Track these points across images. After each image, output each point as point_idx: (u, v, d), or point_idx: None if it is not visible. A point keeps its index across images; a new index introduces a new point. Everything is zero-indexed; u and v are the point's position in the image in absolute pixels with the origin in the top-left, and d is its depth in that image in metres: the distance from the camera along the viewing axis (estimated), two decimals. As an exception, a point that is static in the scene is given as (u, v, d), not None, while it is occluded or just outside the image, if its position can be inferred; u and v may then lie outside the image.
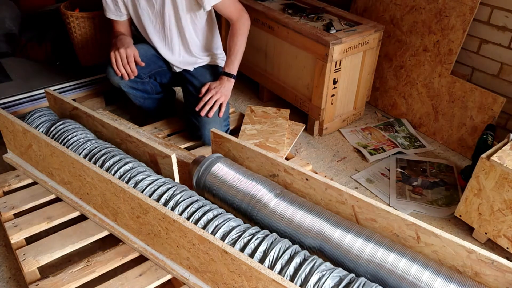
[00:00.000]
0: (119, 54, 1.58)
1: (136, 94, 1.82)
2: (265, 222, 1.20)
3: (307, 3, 2.24)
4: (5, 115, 1.46)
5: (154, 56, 1.83)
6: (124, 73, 1.63)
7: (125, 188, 1.15)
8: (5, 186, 1.49)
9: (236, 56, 1.73)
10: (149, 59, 1.80)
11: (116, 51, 1.59)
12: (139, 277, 1.19)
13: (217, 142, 1.48)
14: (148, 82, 1.84)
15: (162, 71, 1.89)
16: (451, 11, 1.90)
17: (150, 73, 1.83)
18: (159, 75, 1.89)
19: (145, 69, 1.79)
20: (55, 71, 2.23)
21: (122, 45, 1.60)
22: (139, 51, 1.72)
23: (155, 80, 1.89)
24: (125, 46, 1.59)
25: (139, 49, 1.75)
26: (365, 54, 1.99)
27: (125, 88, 1.76)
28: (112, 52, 1.59)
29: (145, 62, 1.77)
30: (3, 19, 2.34)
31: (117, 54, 1.59)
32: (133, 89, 1.79)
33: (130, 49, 1.60)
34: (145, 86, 1.83)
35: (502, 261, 0.99)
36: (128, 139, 1.44)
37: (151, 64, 1.82)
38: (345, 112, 2.14)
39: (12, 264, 1.38)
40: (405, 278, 1.00)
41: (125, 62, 1.58)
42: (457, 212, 1.57)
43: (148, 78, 1.83)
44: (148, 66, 1.80)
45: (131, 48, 1.61)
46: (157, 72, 1.87)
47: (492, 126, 1.73)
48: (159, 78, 1.90)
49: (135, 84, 1.78)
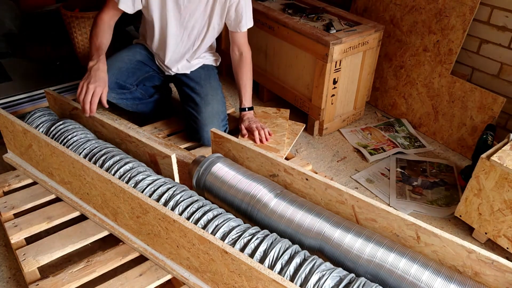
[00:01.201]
0: (87, 89, 1.42)
1: (127, 103, 1.80)
2: (265, 222, 1.20)
3: (307, 3, 2.24)
4: (5, 115, 1.46)
5: (139, 62, 1.80)
6: (84, 108, 1.44)
7: (125, 188, 1.15)
8: (5, 186, 1.49)
9: (251, 90, 1.82)
10: (134, 67, 1.78)
11: (86, 83, 1.43)
12: (139, 277, 1.19)
13: (217, 142, 1.48)
14: (136, 90, 1.81)
15: (150, 76, 1.86)
16: (451, 11, 1.90)
17: (137, 81, 1.80)
18: (147, 80, 1.87)
19: (131, 79, 1.77)
20: (55, 71, 2.23)
21: (95, 80, 1.44)
22: (122, 61, 1.72)
23: (144, 85, 1.87)
24: (97, 83, 1.43)
25: (123, 58, 1.74)
26: (365, 54, 1.99)
27: (113, 100, 1.72)
28: (82, 83, 1.43)
29: (131, 71, 1.75)
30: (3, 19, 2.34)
31: (84, 87, 1.43)
32: (122, 100, 1.77)
33: (100, 87, 1.44)
34: (134, 94, 1.81)
35: (502, 261, 0.99)
36: (128, 139, 1.44)
37: (137, 72, 1.79)
38: (345, 112, 2.14)
39: (12, 264, 1.38)
40: (405, 278, 1.00)
41: (88, 99, 1.42)
42: (457, 212, 1.57)
43: (135, 87, 1.81)
44: (134, 74, 1.78)
45: (101, 87, 1.44)
46: (145, 78, 1.84)
47: (492, 126, 1.73)
48: (148, 83, 1.88)
49: (122, 95, 1.76)
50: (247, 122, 1.77)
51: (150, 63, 1.84)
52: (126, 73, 1.75)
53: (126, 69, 1.74)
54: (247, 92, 1.80)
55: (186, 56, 1.80)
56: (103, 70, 1.48)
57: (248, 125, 1.76)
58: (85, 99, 1.41)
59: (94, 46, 1.55)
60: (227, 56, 2.36)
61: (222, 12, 1.67)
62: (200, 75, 1.81)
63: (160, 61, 1.84)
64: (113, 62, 1.70)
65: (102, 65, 1.48)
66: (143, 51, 1.84)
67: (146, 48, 1.85)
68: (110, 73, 1.61)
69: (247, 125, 1.76)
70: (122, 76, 1.73)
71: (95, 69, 1.46)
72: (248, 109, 1.81)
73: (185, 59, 1.81)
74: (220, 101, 1.76)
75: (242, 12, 1.66)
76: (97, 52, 1.53)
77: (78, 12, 2.12)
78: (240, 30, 1.71)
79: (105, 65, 1.50)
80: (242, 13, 1.66)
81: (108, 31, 1.61)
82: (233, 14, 1.67)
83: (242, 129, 1.77)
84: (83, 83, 1.43)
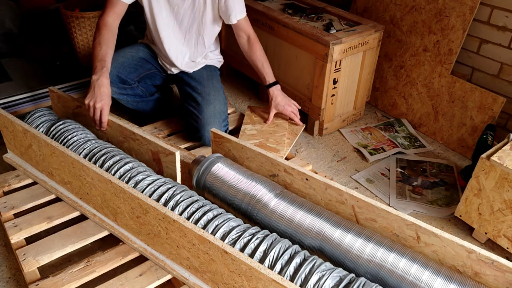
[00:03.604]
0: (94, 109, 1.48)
1: (127, 100, 1.80)
2: (265, 222, 1.20)
3: (307, 3, 2.24)
4: (5, 115, 1.46)
5: (142, 59, 1.81)
6: (98, 125, 1.52)
7: (125, 188, 1.15)
8: (5, 186, 1.49)
9: (270, 67, 1.86)
10: (136, 63, 1.78)
11: (93, 103, 1.47)
12: (139, 277, 1.19)
13: (217, 142, 1.48)
14: (137, 86, 1.82)
15: (151, 74, 1.87)
16: (451, 11, 1.90)
17: (138, 78, 1.81)
18: (149, 78, 1.87)
19: (133, 74, 1.77)
20: (55, 71, 2.23)
21: (101, 98, 1.47)
22: (125, 57, 1.73)
23: (146, 83, 1.87)
24: (102, 101, 1.47)
25: (126, 54, 1.75)
26: (365, 54, 1.99)
27: (114, 95, 1.71)
28: (87, 102, 1.47)
29: (133, 67, 1.76)
30: (3, 19, 2.34)
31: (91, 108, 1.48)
32: (123, 95, 1.77)
33: (106, 105, 1.49)
34: (135, 91, 1.81)
35: (502, 261, 0.99)
36: (131, 137, 1.44)
37: (139, 69, 1.80)
38: (345, 112, 2.14)
39: (12, 264, 1.38)
40: (405, 278, 1.00)
41: (98, 117, 1.48)
42: (457, 212, 1.57)
43: (137, 83, 1.81)
44: (136, 70, 1.78)
45: (107, 104, 1.49)
46: (146, 76, 1.85)
47: (492, 126, 1.73)
48: (149, 81, 1.88)
49: (123, 91, 1.76)
50: (282, 103, 1.86)
51: (152, 61, 1.86)
52: (128, 68, 1.76)
53: (128, 65, 1.75)
54: (266, 68, 1.84)
55: (188, 53, 1.80)
56: (106, 86, 1.49)
57: (280, 108, 1.86)
58: (96, 117, 1.48)
59: (97, 57, 1.53)
60: (227, 56, 2.36)
61: (213, 3, 1.68)
62: (203, 75, 1.82)
63: (163, 58, 1.84)
64: (116, 57, 1.71)
65: (105, 80, 1.49)
66: (146, 49, 1.86)
67: (149, 47, 1.86)
68: (112, 66, 1.61)
69: (278, 108, 1.87)
70: (124, 70, 1.74)
71: (98, 85, 1.47)
72: (273, 84, 1.85)
73: (188, 56, 1.81)
74: (221, 101, 1.77)
75: (231, 3, 1.68)
76: (100, 63, 1.51)
77: (78, 12, 2.12)
78: (232, 22, 1.73)
79: (108, 78, 1.51)
80: (231, 4, 1.68)
81: (112, 38, 1.59)
82: (223, 6, 1.69)
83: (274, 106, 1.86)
84: (90, 103, 1.47)
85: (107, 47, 1.55)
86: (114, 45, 1.60)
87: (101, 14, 1.60)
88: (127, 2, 1.60)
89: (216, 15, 1.73)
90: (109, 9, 1.60)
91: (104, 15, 1.59)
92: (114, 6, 1.59)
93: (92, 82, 1.49)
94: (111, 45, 1.58)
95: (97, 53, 1.54)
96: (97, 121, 1.49)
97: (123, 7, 1.61)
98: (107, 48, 1.55)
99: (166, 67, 1.86)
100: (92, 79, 1.49)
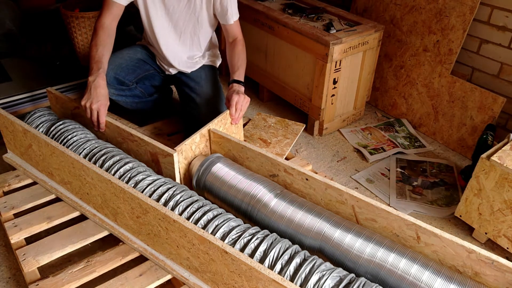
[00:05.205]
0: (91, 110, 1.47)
1: (126, 101, 1.80)
2: (265, 222, 1.20)
3: (307, 3, 2.24)
4: (5, 115, 1.46)
5: (139, 61, 1.81)
6: (96, 126, 1.51)
7: (125, 188, 1.15)
8: (5, 186, 1.49)
9: (244, 68, 1.72)
10: (134, 64, 1.78)
11: (89, 105, 1.46)
12: (139, 277, 1.19)
13: (217, 142, 1.48)
14: (135, 87, 1.81)
15: (150, 75, 1.86)
16: (451, 11, 1.90)
17: (136, 79, 1.80)
18: (147, 79, 1.86)
19: (130, 75, 1.76)
20: (55, 71, 2.23)
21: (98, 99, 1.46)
22: (122, 58, 1.72)
23: (144, 84, 1.86)
24: (99, 102, 1.46)
25: (123, 56, 1.74)
26: (365, 54, 1.99)
27: (112, 97, 1.71)
28: (84, 103, 1.46)
29: (131, 68, 1.75)
30: (3, 19, 2.34)
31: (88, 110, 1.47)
32: (121, 96, 1.76)
33: (103, 106, 1.47)
34: (133, 92, 1.81)
35: (502, 261, 0.99)
36: (130, 138, 1.44)
37: (137, 70, 1.79)
38: (345, 112, 2.14)
39: (12, 264, 1.38)
40: (405, 278, 1.00)
41: (95, 119, 1.48)
42: (457, 212, 1.57)
43: (135, 84, 1.80)
44: (134, 72, 1.78)
45: (104, 105, 1.48)
46: (145, 76, 1.84)
47: (492, 126, 1.73)
48: (148, 81, 1.87)
49: (121, 92, 1.75)
50: (237, 97, 1.59)
51: (150, 62, 1.85)
52: (126, 70, 1.75)
53: (126, 66, 1.75)
54: (238, 67, 1.69)
55: (184, 53, 1.80)
56: (103, 87, 1.48)
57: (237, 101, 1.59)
58: (93, 119, 1.47)
59: (93, 59, 1.53)
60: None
61: (208, 3, 1.67)
62: (201, 75, 1.81)
63: (160, 59, 1.84)
64: (114, 58, 1.70)
65: (101, 81, 1.48)
66: (144, 51, 1.85)
67: (147, 48, 1.86)
68: (110, 68, 1.61)
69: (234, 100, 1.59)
70: (121, 72, 1.73)
71: (95, 86, 1.47)
72: (236, 82, 1.64)
73: (184, 56, 1.81)
74: (220, 101, 1.77)
75: (227, 5, 1.67)
76: (96, 65, 1.51)
77: (78, 12, 2.11)
78: (227, 23, 1.71)
79: (105, 80, 1.50)
80: (227, 6, 1.67)
81: (109, 39, 1.58)
82: (218, 7, 1.68)
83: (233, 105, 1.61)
84: (86, 104, 1.45)
85: (104, 49, 1.55)
86: (111, 47, 1.60)
87: (98, 16, 1.60)
88: (123, 3, 1.60)
89: (211, 15, 1.72)
90: (105, 11, 1.60)
91: (101, 17, 1.59)
92: (110, 8, 1.59)
93: (88, 83, 1.48)
94: (108, 46, 1.58)
95: (93, 55, 1.53)
96: (95, 122, 1.48)
97: (119, 8, 1.60)
98: (104, 50, 1.55)
99: (164, 67, 1.86)
100: (88, 80, 1.49)
